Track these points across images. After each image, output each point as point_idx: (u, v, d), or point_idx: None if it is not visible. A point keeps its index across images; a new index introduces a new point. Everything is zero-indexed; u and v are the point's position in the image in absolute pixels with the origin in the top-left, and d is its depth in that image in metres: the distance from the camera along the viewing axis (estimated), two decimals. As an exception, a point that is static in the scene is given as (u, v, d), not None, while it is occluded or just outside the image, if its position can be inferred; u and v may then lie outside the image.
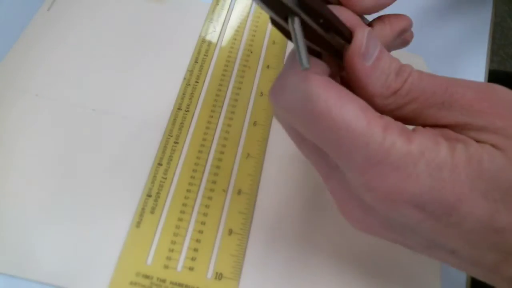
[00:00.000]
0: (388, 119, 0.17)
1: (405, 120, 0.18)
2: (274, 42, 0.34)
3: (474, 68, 0.33)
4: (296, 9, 0.15)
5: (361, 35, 0.18)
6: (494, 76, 0.34)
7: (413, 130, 0.18)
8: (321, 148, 0.19)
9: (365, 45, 0.18)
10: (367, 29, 0.18)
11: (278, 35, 0.34)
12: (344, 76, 0.19)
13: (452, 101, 0.18)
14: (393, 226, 0.19)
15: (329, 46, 0.18)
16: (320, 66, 0.18)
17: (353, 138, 0.17)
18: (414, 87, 0.18)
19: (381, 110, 0.18)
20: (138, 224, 0.26)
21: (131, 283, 0.25)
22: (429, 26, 0.35)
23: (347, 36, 0.18)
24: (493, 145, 0.17)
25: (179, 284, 0.25)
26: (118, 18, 0.34)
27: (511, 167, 0.17)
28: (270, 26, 0.35)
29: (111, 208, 0.27)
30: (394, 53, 0.33)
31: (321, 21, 0.17)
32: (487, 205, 0.17)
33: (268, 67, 0.33)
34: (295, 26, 0.15)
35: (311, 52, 0.18)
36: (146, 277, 0.25)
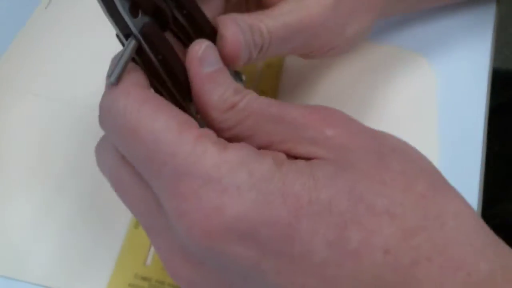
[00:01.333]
0: (206, 131, 0.16)
1: (244, 138, 0.17)
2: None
3: (478, 66, 0.33)
4: (139, 36, 0.17)
5: (201, 43, 0.18)
6: (497, 75, 0.34)
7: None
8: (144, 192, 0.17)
9: (202, 51, 0.17)
10: (209, 42, 0.18)
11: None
12: None
13: (284, 114, 0.17)
14: (232, 283, 0.16)
15: (173, 78, 0.18)
16: (139, 79, 0.17)
17: (161, 150, 0.15)
18: (251, 102, 0.17)
19: (220, 128, 0.17)
20: (136, 225, 0.26)
21: (129, 285, 0.25)
22: (432, 25, 0.34)
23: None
24: (322, 158, 0.16)
25: (178, 286, 0.25)
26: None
27: (345, 173, 0.15)
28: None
29: (109, 209, 0.27)
30: (397, 51, 0.33)
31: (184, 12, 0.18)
32: (332, 219, 0.14)
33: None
34: (130, 46, 0.17)
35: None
36: (145, 279, 0.25)
